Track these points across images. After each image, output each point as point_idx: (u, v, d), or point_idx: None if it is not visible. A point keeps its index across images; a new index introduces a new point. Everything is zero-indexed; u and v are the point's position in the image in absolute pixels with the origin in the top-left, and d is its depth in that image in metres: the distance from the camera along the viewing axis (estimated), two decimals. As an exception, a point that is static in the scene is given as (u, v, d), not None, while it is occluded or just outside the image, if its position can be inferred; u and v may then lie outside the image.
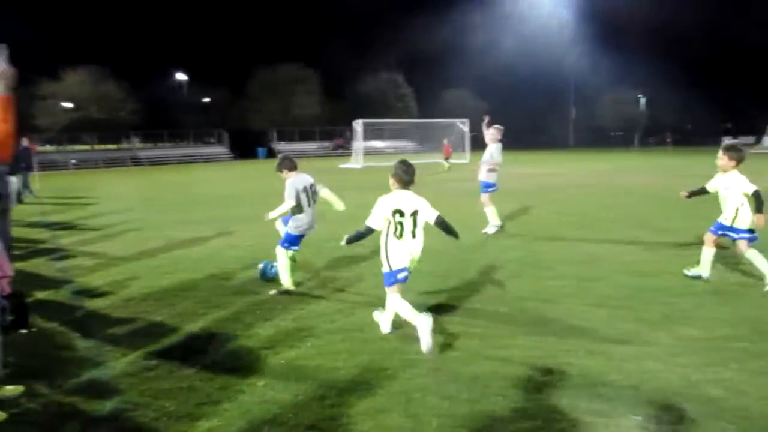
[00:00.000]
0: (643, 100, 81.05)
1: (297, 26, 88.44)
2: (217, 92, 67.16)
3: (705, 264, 6.44)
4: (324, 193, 6.73)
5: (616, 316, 5.24)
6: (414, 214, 4.86)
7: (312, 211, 6.42)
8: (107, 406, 3.68)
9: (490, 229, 9.82)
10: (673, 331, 4.85)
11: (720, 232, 6.35)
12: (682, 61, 70.48)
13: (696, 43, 71.51)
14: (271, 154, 59.90)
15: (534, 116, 73.07)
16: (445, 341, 4.67)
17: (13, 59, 3.39)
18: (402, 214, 4.80)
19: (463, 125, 35.82)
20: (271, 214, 6.37)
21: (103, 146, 59.21)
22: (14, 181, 13.23)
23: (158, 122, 61.00)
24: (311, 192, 6.45)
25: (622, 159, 37.78)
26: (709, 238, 6.42)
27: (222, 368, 4.21)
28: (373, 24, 76.63)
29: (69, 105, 55.04)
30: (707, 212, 10.73)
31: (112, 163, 50.62)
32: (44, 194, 19.22)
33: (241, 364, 4.29)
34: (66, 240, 10.15)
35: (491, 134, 10.06)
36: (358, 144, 34.95)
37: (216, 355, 4.49)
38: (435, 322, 5.05)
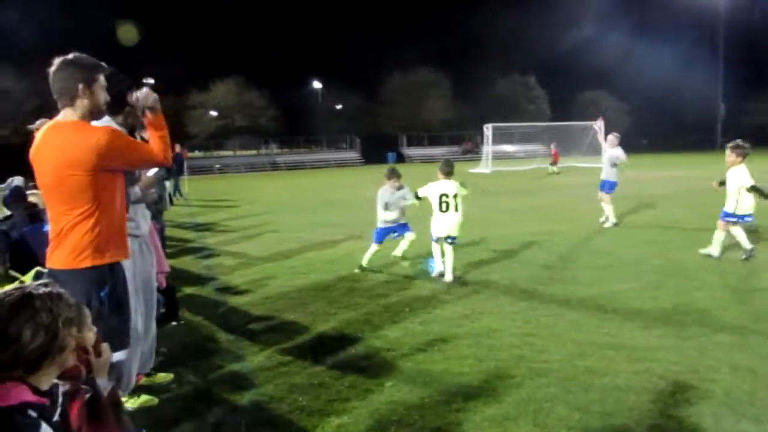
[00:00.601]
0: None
1: (428, 30, 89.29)
2: (350, 99, 69.32)
3: (716, 244, 7.68)
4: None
5: (768, 331, 4.82)
6: (455, 196, 6.92)
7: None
8: (246, 396, 3.92)
9: (608, 224, 10.75)
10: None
11: (727, 219, 7.59)
12: None
13: None
14: (400, 158, 60.76)
15: (677, 116, 68.56)
16: (578, 350, 4.51)
17: (169, 75, 3.71)
18: (446, 195, 6.90)
19: (598, 127, 34.27)
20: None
21: (244, 152, 62.98)
22: (167, 185, 14.45)
23: (295, 129, 64.07)
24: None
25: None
26: (720, 224, 7.69)
27: (351, 367, 4.34)
28: (505, 26, 75.35)
29: (215, 113, 59.23)
30: None
31: (252, 167, 53.57)
32: (192, 197, 20.82)
33: (370, 364, 4.40)
34: (211, 240, 10.92)
35: (611, 141, 11.35)
36: (488, 148, 34.56)
37: (346, 354, 4.64)
38: (572, 329, 4.92)
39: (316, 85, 71.14)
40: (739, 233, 7.53)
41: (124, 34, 51.57)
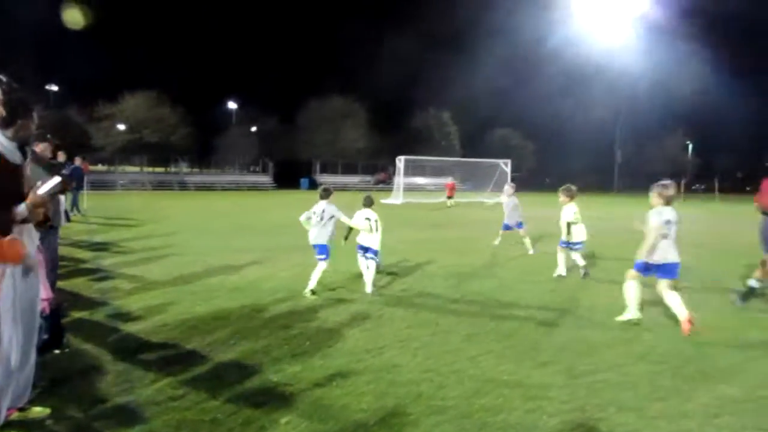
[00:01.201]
0: (691, 146, 79.69)
1: (347, 59, 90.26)
2: (265, 122, 68.72)
3: (561, 265, 9.71)
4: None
5: (654, 371, 5.05)
6: (376, 220, 8.25)
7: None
8: (130, 434, 3.70)
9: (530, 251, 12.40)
10: (713, 389, 4.66)
11: (562, 245, 9.75)
12: (734, 106, 69.02)
13: (748, 92, 70.03)
14: (313, 185, 60.64)
15: (579, 158, 72.35)
16: (476, 387, 4.57)
17: (76, 83, 3.54)
18: (369, 219, 8.22)
19: (506, 166, 35.68)
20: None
21: (152, 169, 60.95)
22: (64, 200, 13.65)
23: (207, 148, 62.74)
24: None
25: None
26: (558, 249, 9.84)
27: (247, 402, 4.19)
28: (423, 62, 77.49)
29: (123, 127, 57.05)
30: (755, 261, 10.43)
31: (159, 185, 51.91)
32: (92, 213, 19.80)
33: (266, 400, 4.26)
34: (108, 261, 10.39)
35: (507, 191, 13.29)
36: (400, 180, 35.09)
37: (242, 389, 4.48)
38: (471, 366, 4.97)
39: (232, 105, 70.09)
40: (561, 258, 9.68)
41: (71, 17, 49.04)
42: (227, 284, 8.42)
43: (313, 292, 7.79)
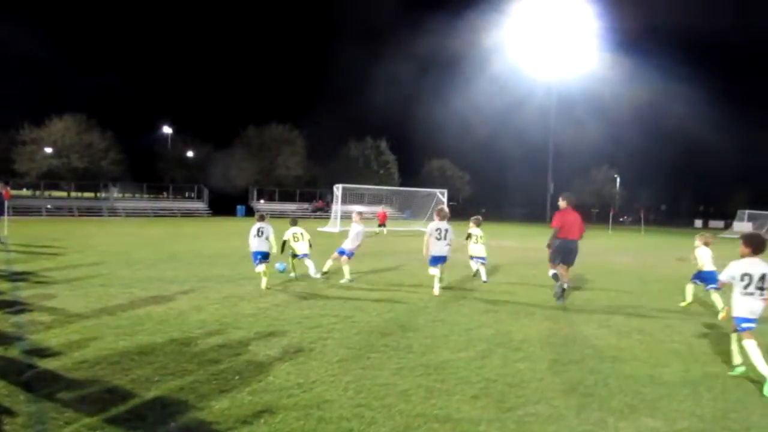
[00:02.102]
0: (618, 179, 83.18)
1: (286, 88, 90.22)
2: (201, 147, 67.63)
3: (482, 273, 12.93)
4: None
5: (582, 404, 5.16)
6: (302, 234, 11.83)
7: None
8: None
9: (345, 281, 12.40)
10: (637, 421, 4.80)
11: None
12: (660, 144, 72.69)
13: (674, 129, 73.92)
14: (249, 212, 59.88)
15: (513, 189, 74.32)
16: (406, 423, 4.55)
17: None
18: (296, 233, 12.01)
19: (442, 195, 36.21)
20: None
21: (80, 194, 58.85)
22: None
23: (139, 174, 61.11)
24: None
25: (598, 237, 38.20)
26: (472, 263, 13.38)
27: (169, 444, 4.03)
28: (360, 91, 78.33)
29: (50, 151, 54.94)
30: (685, 297, 10.87)
31: (87, 212, 50.07)
32: (13, 241, 18.81)
33: (190, 440, 4.12)
34: (27, 292, 9.86)
35: (355, 218, 13.95)
36: (337, 208, 35.04)
37: (164, 429, 4.31)
38: (402, 400, 4.94)
39: (167, 130, 68.68)
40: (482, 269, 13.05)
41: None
42: (154, 317, 8.12)
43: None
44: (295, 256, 12.22)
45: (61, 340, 6.68)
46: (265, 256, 11.01)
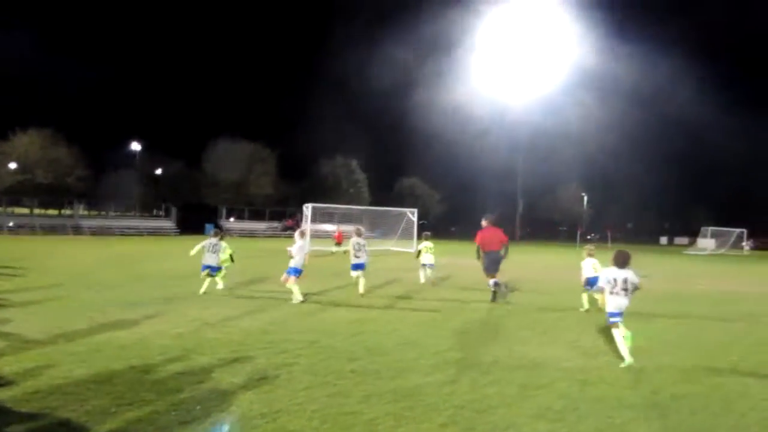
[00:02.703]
0: (586, 198, 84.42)
1: (258, 106, 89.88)
2: (170, 165, 66.83)
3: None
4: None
5: (551, 429, 5.10)
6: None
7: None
8: None
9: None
10: (607, 449, 4.75)
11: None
12: (626, 163, 74.03)
13: (640, 148, 75.42)
14: (219, 231, 59.18)
15: (483, 207, 74.83)
16: (369, 457, 4.41)
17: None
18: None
19: (413, 215, 36.24)
20: None
21: (43, 211, 57.57)
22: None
23: (106, 191, 60.06)
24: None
25: (567, 254, 38.59)
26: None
27: (122, 482, 3.83)
28: (332, 109, 78.40)
29: (13, 166, 53.71)
30: (651, 316, 10.95)
31: (51, 229, 48.96)
32: (-30, 261, 18.25)
33: (145, 478, 3.92)
34: (-20, 316, 9.48)
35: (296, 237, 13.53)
36: (307, 227, 34.78)
37: (118, 466, 4.11)
38: (367, 430, 4.80)
39: (135, 146, 67.68)
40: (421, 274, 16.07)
41: None
42: (114, 342, 7.85)
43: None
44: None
45: (13, 368, 6.39)
46: (213, 269, 13.36)
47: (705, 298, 15.59)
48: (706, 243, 57.10)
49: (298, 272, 12.44)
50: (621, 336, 7.71)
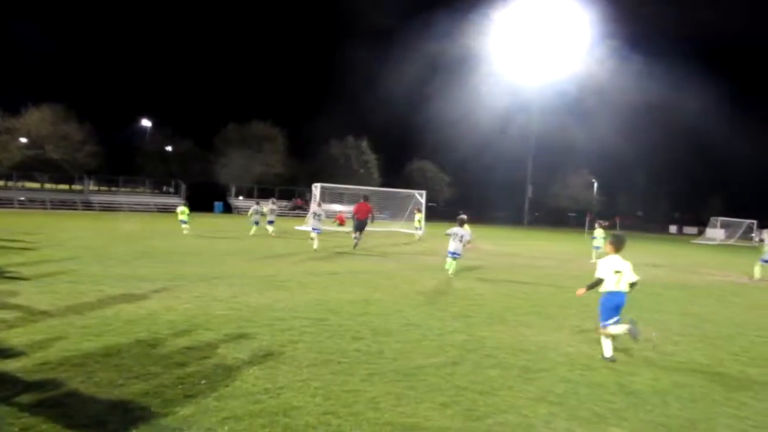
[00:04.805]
0: (596, 185, 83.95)
1: (269, 84, 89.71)
2: (181, 142, 66.90)
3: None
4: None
5: (552, 413, 5.15)
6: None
7: None
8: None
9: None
10: (604, 431, 4.80)
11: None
12: (638, 151, 73.45)
13: (653, 135, 74.78)
14: (228, 209, 59.46)
15: (493, 191, 74.56)
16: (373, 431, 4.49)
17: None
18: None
19: (421, 196, 36.20)
20: None
21: (54, 186, 57.91)
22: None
23: (117, 167, 60.34)
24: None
25: (576, 242, 38.52)
26: None
27: (128, 452, 3.93)
28: (343, 89, 78.14)
29: (25, 141, 53.95)
30: (658, 305, 10.96)
31: (61, 204, 49.30)
32: (-18, 234, 18.47)
33: (150, 448, 4.01)
34: (-7, 288, 9.63)
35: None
36: (314, 207, 34.89)
37: (124, 436, 4.21)
38: (370, 408, 4.87)
39: (146, 123, 67.76)
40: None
41: None
42: (122, 316, 7.96)
43: None
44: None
45: (23, 340, 6.51)
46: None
47: (710, 288, 15.59)
48: (715, 233, 56.83)
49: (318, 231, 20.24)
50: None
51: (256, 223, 26.42)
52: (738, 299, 13.41)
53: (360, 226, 21.19)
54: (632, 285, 7.22)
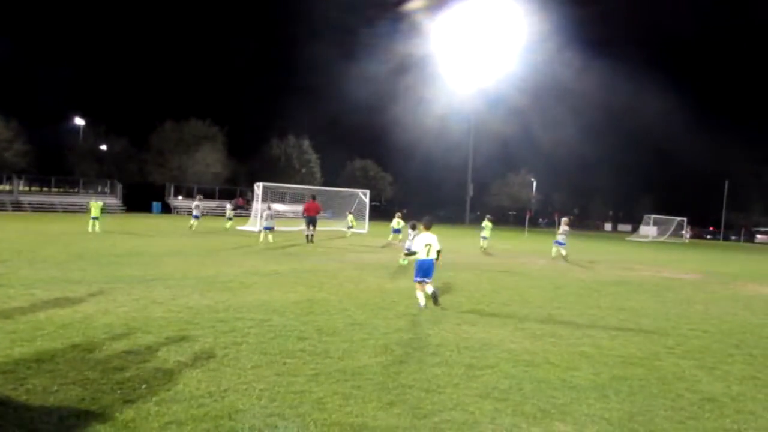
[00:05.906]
0: (535, 184, 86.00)
1: (207, 83, 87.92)
2: (116, 141, 64.87)
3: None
4: None
5: (497, 409, 5.21)
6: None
7: None
8: None
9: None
10: (549, 426, 4.89)
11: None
12: (573, 150, 75.53)
13: (588, 135, 77.03)
14: (166, 209, 58.07)
15: (435, 190, 75.44)
16: (317, 434, 4.45)
17: None
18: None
19: (365, 196, 36.26)
20: None
21: (-20, 187, 55.25)
22: None
23: (48, 167, 58.00)
24: None
25: (514, 239, 39.33)
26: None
27: (64, 461, 3.77)
28: (283, 89, 77.45)
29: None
30: (596, 301, 11.29)
31: (-12, 205, 47.04)
32: None
33: (88, 456, 3.86)
34: None
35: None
36: (258, 207, 34.41)
37: (60, 444, 4.03)
38: (316, 409, 4.82)
39: (79, 121, 65.36)
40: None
41: None
42: (55, 321, 7.63)
43: None
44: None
45: (-52, 348, 6.17)
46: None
47: (645, 284, 16.18)
48: (648, 230, 59.04)
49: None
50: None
51: (197, 217, 29.85)
52: (671, 294, 13.95)
53: (311, 222, 24.55)
54: (438, 252, 10.38)
